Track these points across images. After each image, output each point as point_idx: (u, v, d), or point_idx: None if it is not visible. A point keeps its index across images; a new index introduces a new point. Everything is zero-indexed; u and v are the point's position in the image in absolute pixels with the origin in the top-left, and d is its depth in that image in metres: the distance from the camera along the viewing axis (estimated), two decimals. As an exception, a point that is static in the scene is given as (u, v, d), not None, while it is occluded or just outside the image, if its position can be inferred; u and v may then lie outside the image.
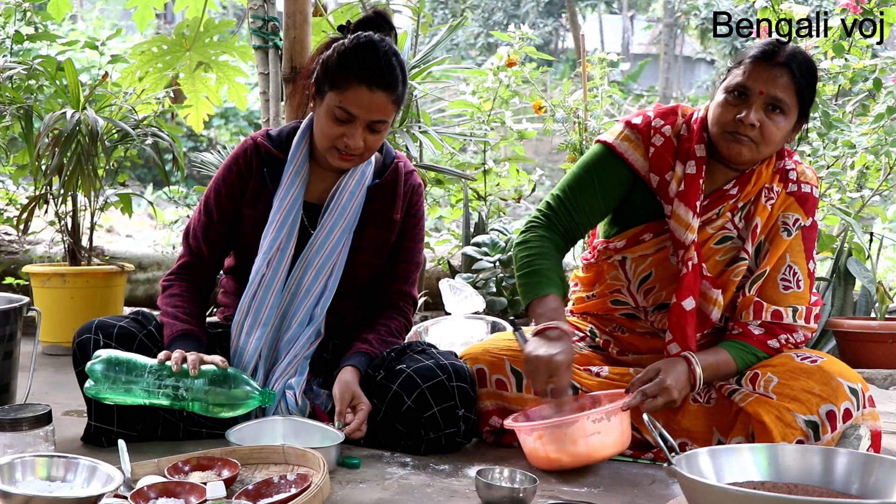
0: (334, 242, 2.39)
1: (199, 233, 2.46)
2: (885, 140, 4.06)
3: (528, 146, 7.78)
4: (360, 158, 2.35)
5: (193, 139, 12.16)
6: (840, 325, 3.86)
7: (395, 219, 2.47)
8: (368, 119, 2.27)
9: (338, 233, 2.40)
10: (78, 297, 3.65)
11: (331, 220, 2.40)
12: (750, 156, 2.27)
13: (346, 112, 2.26)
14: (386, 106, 2.28)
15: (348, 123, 2.27)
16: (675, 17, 22.23)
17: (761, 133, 2.22)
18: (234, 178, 2.44)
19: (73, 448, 2.23)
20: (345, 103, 2.26)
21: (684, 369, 2.23)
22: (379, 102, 2.26)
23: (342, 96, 2.26)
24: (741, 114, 2.22)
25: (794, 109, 2.24)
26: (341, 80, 2.26)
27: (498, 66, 5.12)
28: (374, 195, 2.46)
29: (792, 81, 2.21)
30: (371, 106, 2.26)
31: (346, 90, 2.26)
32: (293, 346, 2.36)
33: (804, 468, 1.81)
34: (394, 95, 2.29)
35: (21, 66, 3.87)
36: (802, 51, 2.26)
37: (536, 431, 2.16)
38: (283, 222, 2.37)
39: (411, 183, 2.51)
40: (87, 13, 16.05)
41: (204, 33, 4.35)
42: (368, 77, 2.24)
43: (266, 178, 2.42)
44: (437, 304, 4.03)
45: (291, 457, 2.03)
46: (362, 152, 2.32)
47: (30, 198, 3.96)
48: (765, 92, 2.20)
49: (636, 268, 2.41)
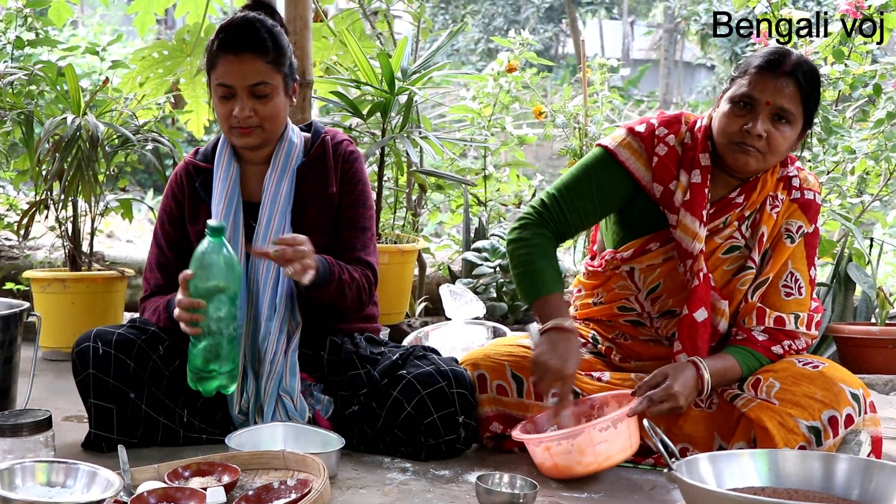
0: (274, 229, 2.39)
1: (153, 266, 2.50)
2: (885, 145, 4.05)
3: (528, 151, 7.77)
4: (262, 131, 2.37)
5: (194, 144, 12.12)
6: (840, 331, 3.85)
7: (331, 193, 2.45)
8: (245, 85, 2.31)
9: (276, 218, 2.40)
10: (78, 302, 3.64)
11: (266, 210, 2.41)
12: (756, 166, 2.26)
13: (224, 86, 2.32)
14: (259, 68, 2.32)
15: (232, 98, 2.33)
16: (676, 22, 22.26)
17: (768, 143, 2.21)
18: (171, 202, 2.50)
19: (73, 453, 2.23)
20: (220, 77, 2.33)
21: (692, 375, 2.22)
22: (249, 66, 2.31)
23: (216, 73, 2.34)
24: (748, 125, 2.20)
25: (799, 118, 2.23)
26: (212, 59, 2.35)
27: (498, 71, 5.12)
28: (304, 173, 2.46)
29: (798, 91, 2.20)
30: (242, 72, 2.31)
31: (218, 65, 2.33)
32: (268, 342, 2.36)
33: (805, 474, 1.81)
34: (266, 56, 2.32)
35: (22, 72, 3.87)
36: (807, 59, 2.25)
37: (543, 444, 2.16)
38: (224, 220, 2.39)
39: (341, 152, 2.49)
40: (88, 19, 16.07)
41: (205, 39, 4.35)
42: (231, 45, 2.31)
43: (199, 191, 2.46)
44: (438, 309, 4.03)
45: (291, 462, 2.03)
46: (260, 122, 2.35)
47: (30, 203, 3.96)
48: (771, 102, 2.19)
49: (645, 278, 2.40)
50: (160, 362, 2.34)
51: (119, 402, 2.28)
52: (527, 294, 2.34)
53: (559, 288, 2.32)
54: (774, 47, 2.28)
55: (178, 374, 2.33)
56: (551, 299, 2.29)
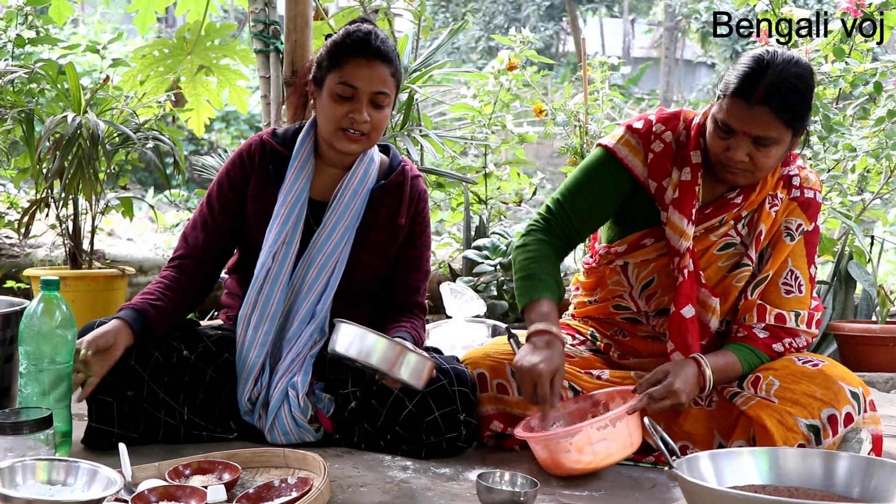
0: (337, 240, 2.39)
1: (198, 224, 2.46)
2: (885, 143, 4.06)
3: (528, 149, 7.77)
4: (367, 139, 2.36)
5: (194, 143, 12.16)
6: (841, 329, 3.85)
7: (399, 224, 2.46)
8: (370, 91, 2.31)
9: (340, 230, 2.40)
10: (79, 300, 3.64)
11: (334, 217, 2.40)
12: (746, 181, 2.26)
13: (348, 86, 2.31)
14: (385, 78, 2.33)
15: (352, 100, 2.31)
16: (676, 20, 22.26)
17: (753, 163, 2.19)
18: (239, 171, 2.46)
19: (74, 451, 2.23)
20: (345, 77, 2.31)
21: (694, 371, 2.22)
22: (378, 73, 2.32)
23: (342, 72, 2.31)
24: (729, 150, 2.19)
25: (784, 135, 2.17)
26: (339, 58, 2.32)
27: (499, 69, 5.13)
28: (380, 197, 2.45)
29: (774, 118, 2.12)
30: (371, 77, 2.31)
31: (345, 66, 2.31)
32: (295, 344, 2.36)
33: (805, 472, 1.81)
34: (391, 68, 2.34)
35: (22, 70, 3.88)
36: (787, 76, 2.12)
37: (542, 442, 2.16)
38: (287, 216, 2.38)
39: (417, 189, 2.50)
40: (89, 17, 16.08)
41: (205, 37, 4.36)
42: (364, 50, 2.31)
43: (271, 173, 2.44)
44: (438, 307, 4.03)
45: (292, 460, 2.03)
46: (369, 131, 2.34)
47: (31, 201, 3.96)
48: (748, 132, 2.15)
49: (638, 273, 2.41)
50: (161, 359, 2.33)
51: (118, 397, 2.28)
52: (520, 298, 2.36)
53: (552, 295, 2.32)
54: (754, 59, 2.16)
55: (178, 371, 2.34)
56: (541, 304, 2.30)
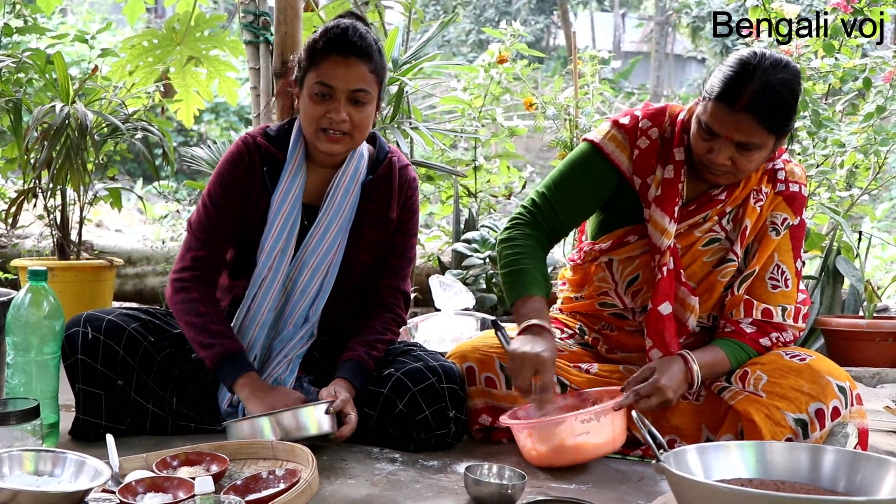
0: (330, 242, 2.37)
1: (207, 226, 2.38)
2: (874, 139, 4.07)
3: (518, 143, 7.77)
4: (349, 139, 2.32)
5: (184, 134, 12.12)
6: (828, 324, 3.87)
7: (391, 217, 2.44)
8: (347, 89, 2.26)
9: (333, 231, 2.38)
10: (67, 291, 3.63)
11: (326, 219, 2.38)
12: (728, 181, 2.27)
13: (325, 85, 2.26)
14: (364, 75, 2.28)
15: (329, 99, 2.27)
16: (667, 15, 22.27)
17: (735, 166, 2.19)
18: (242, 173, 2.39)
19: (61, 442, 2.23)
20: (322, 76, 2.27)
21: (681, 368, 2.22)
22: (356, 71, 2.27)
23: (318, 71, 2.27)
24: (711, 152, 2.18)
25: (767, 141, 2.16)
26: (315, 57, 2.29)
27: (489, 62, 5.12)
28: (369, 192, 2.43)
29: (757, 125, 2.10)
30: (348, 75, 2.26)
31: (322, 64, 2.27)
32: (286, 346, 2.35)
33: (792, 465, 1.81)
34: (370, 64, 2.29)
35: (10, 60, 3.85)
36: (772, 82, 2.09)
37: (526, 430, 2.17)
38: (283, 225, 2.35)
39: (406, 178, 2.48)
40: (77, 6, 15.97)
41: (195, 28, 4.34)
42: (340, 47, 2.26)
43: (266, 178, 2.39)
44: (427, 300, 4.03)
45: (280, 452, 2.02)
46: (350, 130, 2.30)
47: (18, 191, 3.94)
48: (730, 137, 2.14)
49: (623, 270, 2.41)
50: (151, 349, 2.32)
51: (107, 388, 2.27)
52: (509, 294, 2.35)
53: (541, 291, 2.31)
54: (740, 63, 2.13)
55: (168, 362, 2.33)
56: (531, 301, 2.29)
